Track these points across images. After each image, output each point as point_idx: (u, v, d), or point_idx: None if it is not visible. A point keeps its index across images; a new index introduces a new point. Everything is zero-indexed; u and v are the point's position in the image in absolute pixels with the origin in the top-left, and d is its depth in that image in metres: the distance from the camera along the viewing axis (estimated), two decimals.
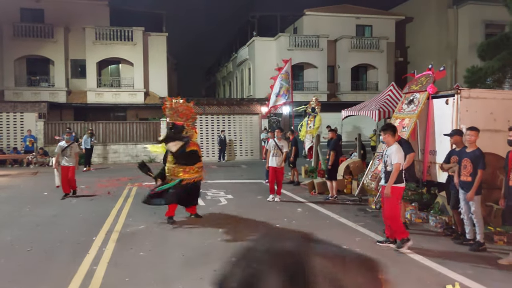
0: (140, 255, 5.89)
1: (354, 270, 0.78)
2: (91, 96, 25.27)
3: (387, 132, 6.24)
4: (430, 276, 5.03)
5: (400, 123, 8.92)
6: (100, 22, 25.72)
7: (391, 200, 6.12)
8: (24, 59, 25.01)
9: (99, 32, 25.30)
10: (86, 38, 25.14)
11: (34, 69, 25.34)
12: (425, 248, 6.13)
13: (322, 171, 12.37)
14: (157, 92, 26.47)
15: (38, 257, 5.87)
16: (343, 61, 28.44)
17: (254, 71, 28.69)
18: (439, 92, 8.61)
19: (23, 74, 24.98)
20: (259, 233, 0.86)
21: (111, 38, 25.45)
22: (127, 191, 11.57)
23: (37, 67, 25.37)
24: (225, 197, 10.59)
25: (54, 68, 25.13)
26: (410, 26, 31.22)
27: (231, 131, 23.44)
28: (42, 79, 25.27)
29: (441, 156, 7.55)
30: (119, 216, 8.41)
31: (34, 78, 25.18)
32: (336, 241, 4.56)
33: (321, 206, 9.40)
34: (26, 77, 25.03)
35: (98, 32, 25.28)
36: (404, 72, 30.38)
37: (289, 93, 16.14)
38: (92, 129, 19.61)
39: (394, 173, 6.05)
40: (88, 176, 15.05)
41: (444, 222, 7.28)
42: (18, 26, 24.34)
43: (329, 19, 29.09)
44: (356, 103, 16.34)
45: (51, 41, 24.72)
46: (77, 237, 6.84)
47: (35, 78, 25.21)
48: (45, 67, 25.39)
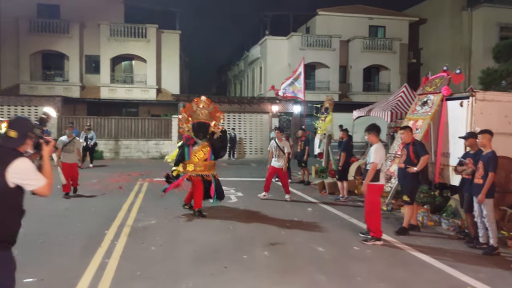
0: (152, 250, 5.94)
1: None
2: (104, 91, 25.52)
3: (372, 132, 6.67)
4: (442, 278, 5.00)
5: (413, 124, 8.86)
6: (114, 18, 25.97)
7: (369, 197, 6.52)
8: (40, 54, 25.36)
9: (114, 29, 25.54)
10: (100, 34, 25.40)
11: (49, 64, 25.70)
12: (437, 251, 6.09)
13: (333, 171, 12.34)
14: (169, 89, 26.64)
15: (51, 249, 5.95)
16: (355, 61, 28.30)
17: (265, 70, 28.68)
18: (453, 94, 8.53)
19: (39, 69, 25.33)
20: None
21: (125, 34, 25.68)
22: (138, 186, 11.67)
23: (52, 62, 25.72)
24: (235, 195, 10.61)
25: (69, 63, 25.43)
26: (424, 27, 30.94)
27: (241, 129, 23.47)
28: (56, 74, 25.61)
29: (455, 158, 7.49)
30: (131, 210, 8.48)
31: (49, 73, 25.53)
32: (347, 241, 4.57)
33: (331, 207, 9.38)
34: (41, 72, 25.40)
35: (113, 28, 25.52)
36: (417, 74, 30.21)
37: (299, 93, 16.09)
38: (90, 125, 18.90)
39: (371, 172, 6.40)
40: (100, 171, 15.19)
41: (457, 225, 7.22)
42: (34, 21, 24.68)
43: (342, 19, 28.96)
44: (367, 104, 16.28)
45: (66, 37, 25.02)
46: (89, 230, 6.92)
47: (50, 73, 25.56)
48: (60, 62, 25.72)
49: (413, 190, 7.08)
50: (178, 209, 8.64)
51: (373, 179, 6.42)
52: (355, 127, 15.47)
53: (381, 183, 6.55)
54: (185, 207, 8.57)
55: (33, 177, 2.98)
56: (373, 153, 6.48)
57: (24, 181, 2.94)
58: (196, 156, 8.06)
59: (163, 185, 8.64)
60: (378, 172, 6.44)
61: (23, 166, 2.94)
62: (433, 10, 29.72)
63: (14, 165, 2.90)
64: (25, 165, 2.96)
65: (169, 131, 22.24)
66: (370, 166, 6.46)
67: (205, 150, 8.12)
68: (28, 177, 2.96)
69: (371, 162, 6.44)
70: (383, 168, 6.55)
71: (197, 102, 8.38)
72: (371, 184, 6.45)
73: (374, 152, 6.47)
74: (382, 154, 6.51)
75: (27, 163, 2.99)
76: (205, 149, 8.12)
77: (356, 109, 14.33)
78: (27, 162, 3.00)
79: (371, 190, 6.48)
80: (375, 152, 6.46)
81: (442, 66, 9.53)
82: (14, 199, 3.01)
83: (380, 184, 6.53)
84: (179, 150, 8.32)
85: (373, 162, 6.40)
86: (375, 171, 6.39)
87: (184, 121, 8.37)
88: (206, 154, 8.13)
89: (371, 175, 6.40)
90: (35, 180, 2.99)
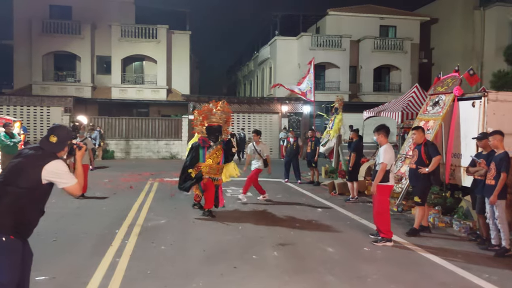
0: (162, 249, 5.97)
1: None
2: (115, 92, 25.72)
3: (380, 133, 6.63)
4: (454, 280, 4.95)
5: (425, 125, 8.79)
6: (125, 19, 26.17)
7: (377, 197, 6.46)
8: (52, 55, 25.66)
9: (125, 30, 25.73)
10: (112, 35, 25.60)
11: (61, 64, 26.00)
12: (449, 252, 6.03)
13: (343, 171, 12.29)
14: (180, 90, 26.75)
15: (63, 247, 6.02)
16: (366, 61, 28.16)
17: (275, 70, 28.67)
18: (465, 94, 8.44)
19: (51, 69, 25.63)
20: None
21: (136, 35, 25.86)
22: (149, 186, 11.74)
23: (64, 63, 26.01)
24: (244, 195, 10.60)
25: (81, 64, 25.69)
26: (435, 27, 30.67)
27: (250, 130, 23.41)
28: (68, 75, 25.89)
29: (466, 159, 7.41)
30: (141, 210, 8.54)
31: (61, 74, 25.83)
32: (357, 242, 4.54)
33: (341, 207, 9.34)
34: (54, 72, 25.70)
35: (124, 29, 25.71)
36: (428, 74, 29.95)
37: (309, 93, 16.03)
38: (94, 124, 18.75)
39: (380, 172, 6.37)
40: (111, 171, 15.33)
41: (469, 227, 7.14)
42: (47, 22, 24.97)
43: (352, 19, 28.84)
44: (378, 104, 16.18)
45: (78, 38, 25.27)
46: (100, 229, 6.99)
47: (62, 74, 25.85)
48: (71, 62, 25.99)
49: (425, 191, 7.03)
50: (188, 208, 8.69)
51: (382, 180, 6.40)
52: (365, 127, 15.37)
53: (390, 183, 6.52)
54: (194, 207, 8.61)
55: (66, 176, 3.32)
56: (382, 154, 6.45)
57: (58, 179, 3.28)
58: (211, 158, 8.09)
59: (173, 185, 8.68)
60: (388, 172, 6.42)
61: (58, 166, 3.29)
62: (445, 10, 29.44)
63: (51, 164, 3.24)
64: (60, 165, 3.31)
65: (179, 131, 22.34)
66: (379, 167, 6.43)
67: (218, 153, 8.16)
68: (62, 176, 3.29)
69: (380, 163, 6.42)
70: (393, 168, 6.51)
71: (217, 105, 8.40)
72: (381, 184, 6.42)
73: (383, 153, 6.44)
74: (392, 154, 6.48)
75: (62, 164, 3.34)
76: (218, 152, 8.16)
77: (366, 109, 14.24)
78: (62, 163, 3.36)
79: (380, 190, 6.45)
80: (385, 153, 6.43)
81: (454, 66, 9.44)
82: (41, 195, 3.31)
83: (389, 184, 6.51)
84: (192, 152, 8.22)
85: (383, 163, 6.37)
86: (384, 172, 6.37)
87: (199, 123, 8.38)
88: (219, 157, 8.18)
89: (380, 176, 6.37)
90: (67, 179, 3.32)
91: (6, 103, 20.88)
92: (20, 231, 3.23)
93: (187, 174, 8.18)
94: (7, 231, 3.13)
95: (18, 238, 3.21)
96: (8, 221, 3.14)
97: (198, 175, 8.05)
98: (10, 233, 3.14)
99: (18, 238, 3.21)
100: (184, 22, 28.14)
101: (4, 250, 3.12)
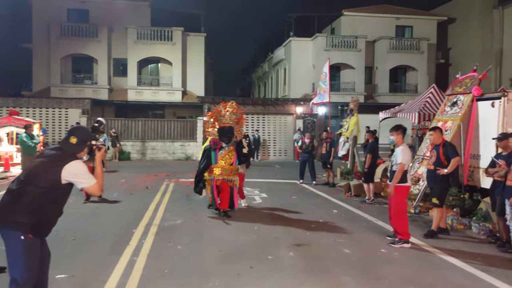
0: (178, 249, 6.02)
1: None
2: (131, 94, 26.05)
3: (399, 133, 6.58)
4: (474, 283, 4.87)
5: (443, 125, 8.67)
6: (141, 22, 26.50)
7: (395, 199, 6.39)
8: (70, 58, 26.13)
9: (141, 32, 26.06)
10: (128, 37, 25.96)
11: (78, 67, 26.47)
12: (468, 255, 5.94)
13: (359, 173, 12.19)
14: (195, 91, 26.94)
15: (82, 246, 6.11)
16: (382, 62, 27.93)
17: (289, 71, 28.65)
18: (484, 94, 8.31)
19: (68, 72, 26.10)
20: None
21: (151, 38, 26.17)
22: (165, 187, 11.84)
23: (82, 65, 26.47)
24: (259, 196, 10.63)
25: (97, 66, 26.10)
26: (453, 27, 30.24)
27: (265, 131, 23.49)
28: (86, 77, 26.34)
29: (486, 160, 7.29)
30: (157, 210, 8.62)
31: (79, 76, 26.29)
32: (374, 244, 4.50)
33: (357, 209, 9.28)
34: (71, 75, 26.17)
35: (140, 32, 26.04)
36: (445, 74, 29.54)
37: (325, 93, 15.95)
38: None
39: (398, 173, 6.29)
40: (127, 172, 15.50)
41: (488, 229, 7.02)
42: (65, 26, 25.46)
43: (368, 20, 28.65)
44: (394, 105, 16.02)
45: (95, 41, 25.68)
46: (118, 229, 7.07)
47: (80, 76, 26.31)
48: (89, 65, 26.43)
49: (443, 192, 6.93)
50: (204, 209, 8.74)
51: (400, 181, 6.33)
52: (381, 128, 15.24)
53: (407, 184, 6.45)
54: (210, 208, 8.65)
55: (85, 177, 3.38)
56: (400, 154, 6.37)
57: (77, 179, 3.35)
58: (223, 160, 8.12)
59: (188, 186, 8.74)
60: (405, 173, 6.35)
61: (78, 166, 3.36)
62: (463, 9, 29.02)
63: (70, 164, 3.31)
64: (79, 166, 3.38)
65: (194, 132, 22.48)
66: (397, 167, 6.35)
67: (231, 154, 8.18)
68: (81, 177, 3.36)
69: (398, 163, 6.34)
70: (409, 169, 6.44)
71: (226, 106, 8.45)
72: (398, 185, 6.35)
73: (401, 153, 6.37)
74: (409, 155, 6.42)
75: (81, 165, 3.40)
76: (231, 154, 8.18)
77: (382, 110, 14.11)
78: (81, 164, 3.41)
79: (398, 191, 6.37)
80: (402, 153, 6.36)
81: (472, 66, 9.30)
82: (60, 195, 3.38)
83: (407, 185, 6.43)
84: (205, 155, 8.25)
85: (401, 163, 6.30)
86: (402, 172, 6.30)
87: (210, 125, 8.45)
88: (232, 158, 8.19)
89: (399, 176, 6.29)
90: (86, 179, 3.38)
91: (25, 105, 21.32)
92: (38, 230, 3.29)
93: (200, 177, 8.27)
94: (26, 230, 3.20)
95: (36, 236, 3.28)
96: (27, 220, 3.20)
97: (204, 179, 8.20)
98: (28, 232, 3.21)
99: (36, 237, 3.28)
100: (199, 24, 28.35)
101: (22, 248, 3.20)
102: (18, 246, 3.19)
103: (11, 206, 3.23)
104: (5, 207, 3.25)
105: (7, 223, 3.20)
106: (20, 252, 3.19)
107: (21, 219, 3.18)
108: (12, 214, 3.20)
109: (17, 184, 3.30)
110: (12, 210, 3.21)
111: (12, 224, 3.19)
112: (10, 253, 3.23)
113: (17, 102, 21.58)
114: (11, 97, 23.00)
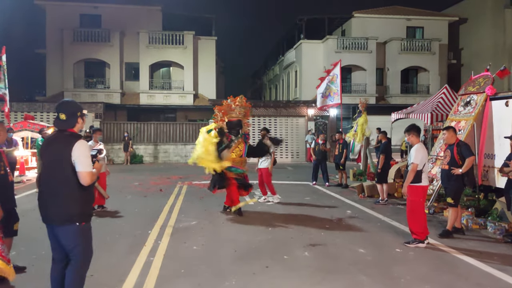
0: (194, 249, 6.08)
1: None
2: (144, 97, 26.30)
3: (411, 133, 6.53)
4: (491, 282, 4.84)
5: (456, 125, 8.63)
6: (153, 26, 26.77)
7: (411, 199, 6.37)
8: (83, 62, 26.49)
9: (152, 36, 26.32)
10: (140, 42, 26.24)
11: (91, 71, 26.83)
12: (484, 254, 5.90)
13: (372, 174, 12.17)
14: (206, 95, 27.11)
15: (99, 247, 6.16)
16: (393, 63, 27.82)
17: (301, 73, 28.67)
18: (498, 93, 8.26)
19: (81, 77, 26.47)
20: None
21: (163, 42, 26.41)
22: (178, 189, 11.94)
23: (94, 70, 26.83)
24: (273, 197, 10.64)
25: (110, 71, 26.42)
26: (464, 27, 30.01)
27: (277, 133, 23.51)
28: (98, 81, 26.67)
29: (500, 160, 7.24)
30: (172, 212, 8.70)
31: (91, 80, 26.63)
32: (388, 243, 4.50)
33: (371, 209, 9.26)
34: (84, 79, 26.52)
35: (151, 36, 26.30)
36: (457, 75, 29.29)
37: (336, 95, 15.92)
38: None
39: (410, 173, 6.27)
40: (141, 175, 15.65)
41: (504, 228, 6.96)
42: (77, 31, 25.83)
43: (379, 21, 28.57)
44: (406, 106, 15.96)
45: (107, 45, 26.01)
46: (133, 230, 7.16)
47: (92, 81, 26.65)
48: (101, 70, 26.79)
49: (458, 192, 6.89)
50: (218, 210, 8.81)
51: (414, 180, 6.29)
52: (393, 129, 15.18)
53: (423, 184, 6.37)
54: (227, 210, 8.68)
55: (84, 160, 3.42)
56: (414, 154, 6.34)
57: (76, 159, 3.40)
58: (233, 152, 8.35)
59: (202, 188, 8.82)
60: (420, 173, 6.30)
61: (81, 147, 3.42)
62: (474, 9, 28.79)
63: (75, 146, 3.39)
64: (83, 146, 3.44)
65: None
66: (410, 167, 6.34)
67: (240, 147, 8.50)
68: (81, 158, 3.40)
69: (411, 163, 6.32)
70: (425, 168, 6.40)
71: (234, 100, 8.70)
72: (412, 185, 6.33)
73: (415, 152, 6.33)
74: (424, 154, 6.35)
75: (85, 146, 3.46)
76: (240, 146, 8.50)
77: (393, 111, 14.07)
78: (85, 145, 3.47)
79: (412, 191, 6.34)
80: (416, 152, 6.32)
81: (484, 66, 9.24)
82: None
83: (422, 185, 6.36)
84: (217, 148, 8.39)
85: (413, 163, 6.27)
86: (415, 172, 6.25)
87: (219, 118, 8.62)
88: (242, 151, 8.52)
89: (411, 176, 6.27)
90: (83, 163, 3.41)
91: (40, 110, 21.66)
92: (88, 213, 3.63)
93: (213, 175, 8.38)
94: (80, 219, 3.49)
95: (89, 221, 3.66)
96: (76, 210, 3.46)
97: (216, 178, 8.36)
98: (83, 220, 3.53)
99: (89, 221, 3.65)
100: (210, 27, 28.53)
101: (88, 232, 3.61)
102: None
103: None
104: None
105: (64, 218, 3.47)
106: (88, 235, 3.70)
107: (71, 211, 3.44)
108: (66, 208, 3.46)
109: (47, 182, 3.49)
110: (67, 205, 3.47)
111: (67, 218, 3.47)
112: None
113: (32, 107, 21.95)
114: (26, 102, 23.41)
